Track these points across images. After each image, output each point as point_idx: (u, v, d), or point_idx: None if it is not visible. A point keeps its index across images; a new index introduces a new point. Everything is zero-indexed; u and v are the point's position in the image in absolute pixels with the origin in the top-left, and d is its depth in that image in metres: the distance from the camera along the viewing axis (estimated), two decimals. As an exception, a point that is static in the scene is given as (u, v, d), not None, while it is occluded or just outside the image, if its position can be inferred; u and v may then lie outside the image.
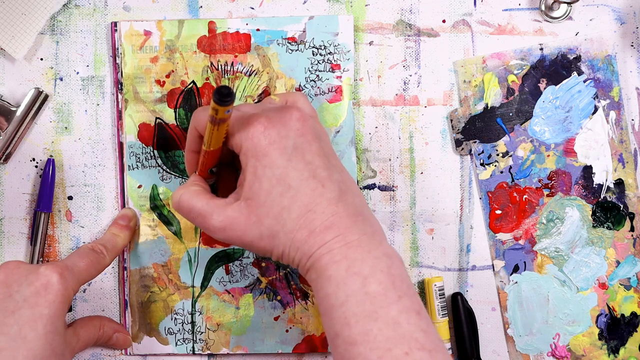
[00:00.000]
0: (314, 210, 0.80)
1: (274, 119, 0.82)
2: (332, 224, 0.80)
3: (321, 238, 0.80)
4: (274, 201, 0.80)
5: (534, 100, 0.98)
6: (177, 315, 0.97)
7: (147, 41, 0.96)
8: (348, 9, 0.98)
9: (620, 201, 0.98)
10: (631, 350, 0.98)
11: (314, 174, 0.81)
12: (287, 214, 0.80)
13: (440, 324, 0.96)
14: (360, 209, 0.82)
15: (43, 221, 0.96)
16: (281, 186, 0.80)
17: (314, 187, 0.80)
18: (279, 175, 0.80)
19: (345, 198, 0.81)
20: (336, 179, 0.82)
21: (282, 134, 0.81)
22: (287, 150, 0.81)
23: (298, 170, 0.81)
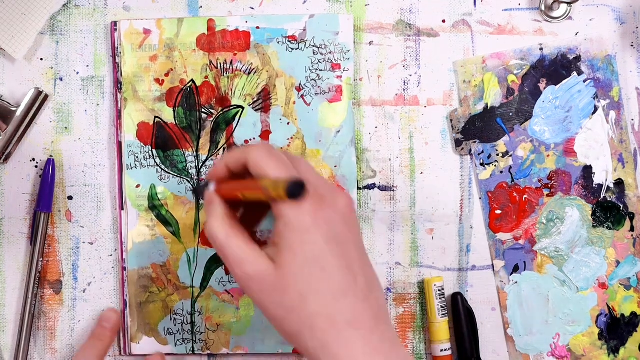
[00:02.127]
0: (342, 301, 0.77)
1: (326, 200, 0.78)
2: (356, 320, 0.77)
3: (342, 334, 0.77)
4: (304, 278, 0.77)
5: (534, 100, 0.98)
6: (176, 315, 0.97)
7: (147, 39, 0.96)
8: (348, 8, 0.98)
9: (620, 201, 0.98)
10: (631, 350, 0.98)
11: (349, 265, 0.78)
12: (314, 295, 0.77)
13: (440, 324, 0.96)
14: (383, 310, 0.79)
15: (43, 221, 0.96)
16: (316, 266, 0.77)
17: (347, 279, 0.77)
18: (316, 255, 0.77)
19: (372, 297, 0.79)
20: (366, 275, 0.79)
21: (330, 217, 0.78)
22: (330, 235, 0.77)
23: (336, 257, 0.77)
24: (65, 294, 0.98)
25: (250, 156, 0.80)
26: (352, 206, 0.80)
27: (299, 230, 0.77)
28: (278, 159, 0.79)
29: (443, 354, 0.96)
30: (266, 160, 0.79)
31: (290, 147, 0.96)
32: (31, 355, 0.97)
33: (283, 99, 0.96)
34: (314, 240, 0.77)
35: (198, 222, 0.97)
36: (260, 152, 0.79)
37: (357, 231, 0.80)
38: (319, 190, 0.79)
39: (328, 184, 0.81)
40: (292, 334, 0.78)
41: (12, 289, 0.98)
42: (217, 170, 0.83)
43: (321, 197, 0.78)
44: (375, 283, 0.80)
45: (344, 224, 0.79)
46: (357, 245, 0.79)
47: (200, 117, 0.96)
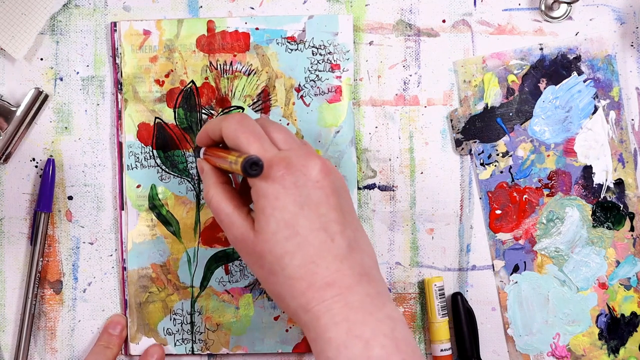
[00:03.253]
0: (318, 263, 0.78)
1: (294, 165, 0.80)
2: (333, 281, 0.78)
3: (320, 295, 0.78)
4: (279, 243, 0.79)
5: (534, 100, 0.98)
6: (176, 315, 0.97)
7: (147, 41, 0.96)
8: (348, 8, 0.98)
9: (620, 201, 0.98)
10: (631, 350, 0.98)
11: (325, 226, 0.79)
12: (290, 259, 0.79)
13: (440, 324, 0.96)
14: (367, 269, 0.80)
15: (43, 221, 0.96)
16: (288, 230, 0.79)
17: (323, 240, 0.79)
18: (287, 220, 0.79)
19: (353, 256, 0.80)
20: (348, 235, 0.80)
21: (299, 182, 0.79)
22: (301, 199, 0.79)
23: (309, 220, 0.79)
24: (66, 294, 0.98)
25: (223, 128, 0.83)
26: (325, 169, 0.81)
27: (268, 198, 0.79)
28: (250, 130, 0.82)
29: (443, 354, 0.96)
30: (237, 133, 0.82)
31: (290, 147, 0.97)
32: (31, 355, 0.97)
33: (282, 100, 0.96)
34: (283, 206, 0.79)
35: (198, 221, 0.97)
36: (233, 124, 0.83)
37: (336, 193, 0.81)
38: (289, 156, 0.80)
39: (302, 149, 0.82)
40: (275, 295, 0.81)
41: (12, 289, 0.98)
42: (201, 137, 0.88)
43: (289, 164, 0.80)
44: (359, 243, 0.81)
45: (318, 187, 0.80)
46: (336, 207, 0.80)
47: (201, 117, 0.96)
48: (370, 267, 0.81)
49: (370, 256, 0.82)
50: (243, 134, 0.81)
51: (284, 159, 0.80)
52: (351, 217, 0.82)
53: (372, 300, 0.79)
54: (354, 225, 0.82)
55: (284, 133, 0.84)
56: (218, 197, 0.84)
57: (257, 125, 0.83)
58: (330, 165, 0.82)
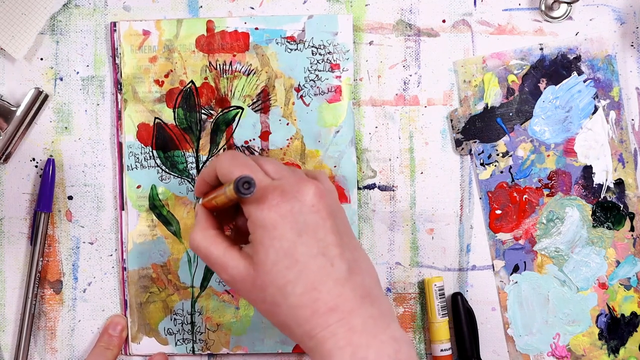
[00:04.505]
0: (319, 289, 0.78)
1: (289, 193, 0.80)
2: (336, 306, 0.78)
3: (324, 320, 0.78)
4: (280, 273, 0.79)
5: (534, 100, 0.98)
6: (176, 315, 0.97)
7: (146, 41, 0.96)
8: (348, 8, 0.98)
9: (620, 201, 0.98)
10: (631, 350, 0.98)
11: (324, 251, 0.79)
12: (292, 288, 0.79)
13: (440, 324, 0.96)
14: (369, 290, 0.80)
15: (43, 221, 0.96)
16: (288, 259, 0.79)
17: (322, 265, 0.79)
18: (286, 249, 0.79)
19: (354, 278, 0.80)
20: (347, 257, 0.80)
21: (295, 209, 0.79)
22: (299, 226, 0.79)
23: (307, 247, 0.79)
24: (66, 294, 0.98)
25: (217, 166, 0.84)
26: (319, 193, 0.81)
27: (266, 228, 0.79)
28: (242, 163, 0.82)
29: (443, 354, 0.96)
30: (231, 167, 0.82)
31: (289, 147, 0.97)
32: (31, 355, 0.97)
33: (282, 100, 0.96)
34: (281, 235, 0.79)
35: (198, 222, 0.97)
36: (224, 160, 0.83)
37: (332, 216, 0.81)
38: (283, 185, 0.80)
39: (295, 176, 0.82)
40: (281, 325, 0.81)
41: (12, 289, 0.98)
42: (198, 185, 0.88)
43: (283, 191, 0.80)
44: (359, 264, 0.81)
45: (313, 212, 0.80)
46: (333, 230, 0.80)
47: (200, 118, 0.96)
48: (371, 287, 0.81)
49: (371, 275, 0.82)
50: (236, 167, 0.82)
51: (278, 187, 0.80)
52: (349, 238, 0.82)
53: (375, 322, 0.79)
54: (352, 246, 0.82)
55: (275, 164, 0.84)
56: (206, 241, 0.83)
57: (248, 158, 0.83)
58: (324, 187, 0.83)
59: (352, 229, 0.85)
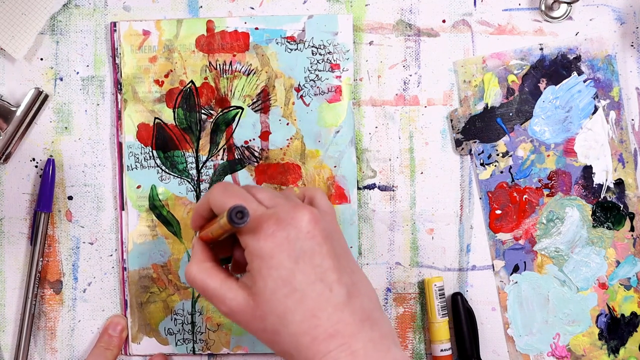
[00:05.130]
0: (319, 316, 0.78)
1: (284, 220, 0.80)
2: (336, 332, 0.78)
3: (325, 347, 0.78)
4: (279, 301, 0.79)
5: (534, 100, 0.98)
6: (177, 315, 0.97)
7: (146, 41, 0.96)
8: (348, 8, 0.98)
9: (620, 201, 0.98)
10: (631, 350, 0.98)
11: (322, 277, 0.79)
12: (292, 316, 0.78)
13: (440, 324, 0.96)
14: (368, 313, 0.80)
15: (43, 221, 0.96)
16: (287, 288, 0.78)
17: (321, 292, 0.79)
18: (284, 277, 0.79)
19: (353, 302, 0.79)
20: (345, 282, 0.80)
21: (291, 236, 0.79)
22: (295, 253, 0.79)
23: (305, 274, 0.79)
24: (65, 294, 0.98)
25: (210, 199, 0.84)
26: (314, 218, 0.80)
27: (263, 257, 0.79)
28: (233, 193, 0.82)
29: (443, 354, 0.96)
30: (224, 199, 0.82)
31: (289, 147, 0.97)
32: (31, 355, 0.98)
33: (282, 100, 0.96)
34: (279, 264, 0.79)
35: (198, 222, 0.97)
36: (217, 192, 0.83)
37: (329, 240, 0.80)
38: (277, 212, 0.80)
39: (289, 203, 0.82)
40: (283, 353, 0.81)
41: (12, 289, 0.98)
42: (193, 219, 0.87)
43: (278, 219, 0.80)
44: (358, 287, 0.81)
45: (309, 238, 0.80)
46: (330, 254, 0.80)
47: (200, 118, 0.96)
48: (371, 310, 0.81)
49: (371, 297, 0.82)
50: (229, 198, 0.81)
51: (273, 215, 0.80)
52: (346, 261, 0.82)
53: (376, 346, 0.79)
54: (350, 269, 0.81)
55: (268, 192, 0.84)
56: (202, 274, 0.83)
57: (241, 189, 0.83)
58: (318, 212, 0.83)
59: (350, 250, 0.84)
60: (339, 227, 0.85)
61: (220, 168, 0.97)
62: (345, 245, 0.84)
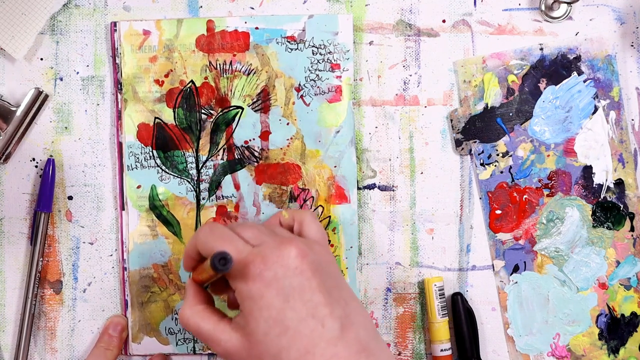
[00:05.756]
0: (313, 352, 0.78)
1: (270, 259, 0.79)
2: None
3: None
4: (272, 341, 0.78)
5: (534, 100, 0.98)
6: (177, 315, 0.97)
7: (146, 41, 0.96)
8: (348, 8, 0.98)
9: (620, 201, 0.98)
10: (631, 350, 0.98)
11: (313, 313, 0.78)
12: (286, 354, 0.78)
13: (440, 324, 0.96)
14: (364, 344, 0.79)
15: (43, 221, 0.96)
16: (278, 327, 0.78)
17: (313, 328, 0.78)
18: (276, 317, 0.78)
19: (347, 335, 0.79)
20: (338, 314, 0.79)
21: (278, 274, 0.79)
22: (285, 291, 0.79)
23: (296, 311, 0.78)
24: (66, 294, 0.98)
25: (196, 242, 0.84)
26: (301, 252, 0.80)
27: (252, 298, 0.79)
28: (220, 235, 0.82)
29: (443, 354, 0.96)
30: (209, 241, 0.82)
31: (289, 147, 0.97)
32: (31, 355, 0.97)
33: (282, 100, 0.96)
34: (269, 304, 0.79)
35: (199, 222, 0.97)
36: (202, 234, 0.83)
37: (318, 273, 0.80)
38: (263, 251, 0.80)
39: (275, 239, 0.82)
40: None
41: (12, 289, 0.98)
42: (184, 261, 0.87)
43: (264, 258, 0.79)
44: (351, 319, 0.80)
45: (297, 274, 0.79)
46: (320, 288, 0.79)
47: (200, 117, 0.96)
48: (367, 341, 0.80)
49: (366, 327, 0.81)
50: (215, 240, 0.81)
51: (259, 254, 0.80)
52: (339, 292, 0.81)
53: None
54: (343, 300, 0.81)
55: (253, 229, 0.84)
56: (195, 317, 0.83)
57: (227, 229, 0.83)
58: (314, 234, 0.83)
59: (342, 278, 0.84)
60: (329, 255, 0.85)
61: (220, 168, 0.97)
62: (337, 273, 0.83)
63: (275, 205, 0.97)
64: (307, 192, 0.97)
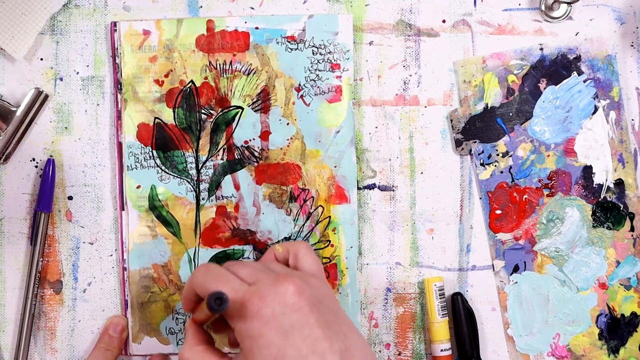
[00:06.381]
0: None
1: (267, 296, 0.79)
2: None
3: None
4: None
5: (534, 100, 0.98)
6: (178, 315, 0.97)
7: (146, 41, 0.96)
8: (348, 8, 0.98)
9: (620, 201, 0.98)
10: (631, 350, 0.98)
11: (313, 348, 0.78)
12: None
13: (440, 324, 0.96)
14: None
15: (43, 221, 0.96)
16: None
17: None
18: (276, 354, 0.78)
19: None
20: (338, 348, 0.79)
21: (276, 312, 0.79)
22: (284, 328, 0.78)
23: (296, 347, 0.78)
24: (66, 294, 0.98)
25: (193, 283, 0.84)
26: (298, 289, 0.80)
27: (252, 337, 0.79)
28: (215, 276, 0.82)
29: (443, 354, 0.96)
30: (205, 283, 0.82)
31: (289, 147, 0.97)
32: (31, 355, 0.97)
33: (282, 100, 0.96)
34: (268, 342, 0.78)
35: (198, 222, 0.97)
36: (198, 275, 0.83)
37: (316, 307, 0.80)
38: (259, 289, 0.80)
39: (271, 276, 0.82)
40: None
41: (12, 289, 0.98)
42: (183, 302, 0.87)
43: (261, 296, 0.79)
44: (351, 351, 0.80)
45: (295, 310, 0.79)
46: (319, 322, 0.79)
47: (200, 117, 0.96)
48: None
49: (364, 353, 0.81)
50: (211, 281, 0.81)
51: (256, 292, 0.80)
52: (338, 325, 0.81)
53: None
54: (342, 333, 0.81)
55: (248, 267, 0.84)
56: (196, 358, 0.83)
57: (222, 269, 0.83)
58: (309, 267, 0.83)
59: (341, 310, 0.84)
60: (326, 288, 0.85)
61: (220, 168, 0.97)
62: (335, 306, 0.83)
63: (275, 205, 0.97)
64: (307, 192, 0.97)
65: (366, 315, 0.98)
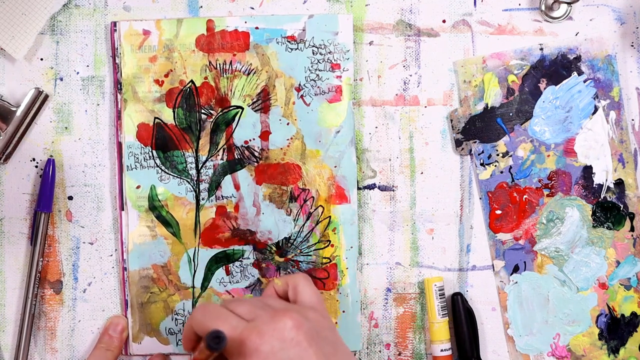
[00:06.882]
0: None
1: (265, 333, 0.80)
2: None
3: None
4: None
5: (534, 100, 0.98)
6: (177, 315, 0.97)
7: (146, 40, 0.96)
8: (348, 8, 0.98)
9: (620, 201, 0.98)
10: (631, 350, 0.98)
11: None
12: None
13: (440, 324, 0.96)
14: None
15: (43, 221, 0.96)
16: None
17: None
18: None
19: None
20: None
21: (275, 348, 0.79)
22: None
23: None
24: (66, 294, 0.98)
25: (192, 324, 0.84)
26: (297, 323, 0.80)
27: None
28: (214, 315, 0.82)
29: (443, 354, 0.96)
30: (204, 322, 0.82)
31: (289, 147, 0.97)
32: (31, 355, 0.97)
33: (282, 100, 0.96)
34: None
35: (198, 222, 0.97)
36: (197, 315, 0.83)
37: (314, 341, 0.81)
38: (258, 326, 0.80)
39: (269, 312, 0.82)
40: None
41: (12, 289, 0.98)
42: (184, 342, 0.87)
43: (259, 332, 0.80)
44: None
45: (294, 345, 0.80)
46: (317, 355, 0.80)
47: (200, 117, 0.96)
48: None
49: None
50: (209, 320, 0.82)
51: (254, 329, 0.80)
52: (336, 358, 0.82)
53: None
54: None
55: (246, 304, 0.84)
56: None
57: (220, 307, 0.83)
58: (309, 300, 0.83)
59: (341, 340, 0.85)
60: (325, 320, 0.85)
61: (220, 168, 0.97)
62: (334, 338, 0.84)
63: (275, 205, 0.97)
64: (307, 192, 0.97)
65: (366, 316, 0.98)
